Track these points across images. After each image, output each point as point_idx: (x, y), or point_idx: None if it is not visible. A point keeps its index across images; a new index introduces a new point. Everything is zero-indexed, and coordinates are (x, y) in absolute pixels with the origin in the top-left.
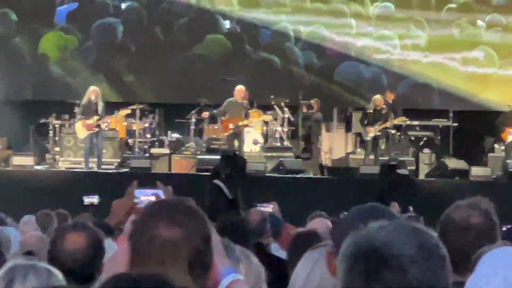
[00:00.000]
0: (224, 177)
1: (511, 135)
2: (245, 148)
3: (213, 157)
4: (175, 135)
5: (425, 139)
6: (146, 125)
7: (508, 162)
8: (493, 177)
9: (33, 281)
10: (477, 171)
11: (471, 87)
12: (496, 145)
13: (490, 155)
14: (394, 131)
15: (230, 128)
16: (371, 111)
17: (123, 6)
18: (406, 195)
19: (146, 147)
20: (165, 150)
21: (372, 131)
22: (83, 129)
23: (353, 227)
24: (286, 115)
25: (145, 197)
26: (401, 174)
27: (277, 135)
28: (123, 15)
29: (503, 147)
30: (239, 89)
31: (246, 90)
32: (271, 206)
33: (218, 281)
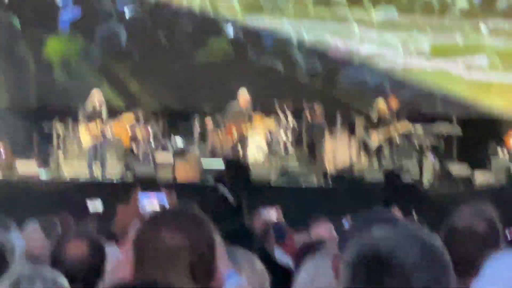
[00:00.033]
0: (227, 183)
1: None
2: (248, 154)
3: (217, 163)
4: (179, 141)
5: (429, 145)
6: (150, 131)
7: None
8: (497, 183)
9: None
10: (480, 178)
11: (474, 93)
12: (500, 152)
13: (494, 161)
14: (398, 138)
15: (234, 133)
16: (375, 117)
17: (127, 13)
18: (410, 202)
19: (150, 154)
20: (169, 156)
21: (375, 138)
22: (87, 134)
23: (359, 233)
24: (290, 122)
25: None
26: (404, 181)
27: (281, 142)
28: (126, 21)
29: (506, 153)
30: (242, 93)
31: (250, 96)
32: (275, 211)
33: (222, 286)
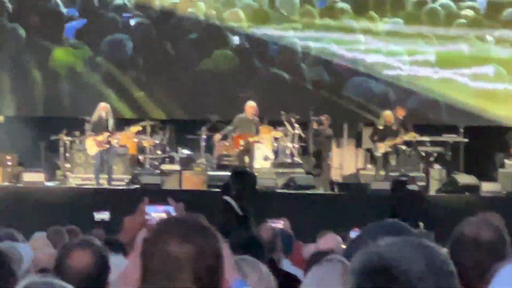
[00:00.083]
0: (234, 193)
1: None
2: (255, 164)
3: (223, 173)
4: (185, 151)
5: (435, 155)
6: (157, 141)
7: None
8: (504, 192)
9: None
10: (487, 187)
11: (481, 102)
12: (506, 161)
13: (501, 170)
14: (404, 147)
15: (241, 144)
16: (382, 127)
17: (132, 22)
18: (416, 211)
19: (156, 163)
20: (175, 167)
21: (382, 147)
22: (93, 145)
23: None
24: (297, 131)
25: (156, 213)
26: (411, 190)
27: (288, 151)
28: (132, 31)
29: None
30: (250, 105)
31: (256, 106)
32: (282, 222)
33: None
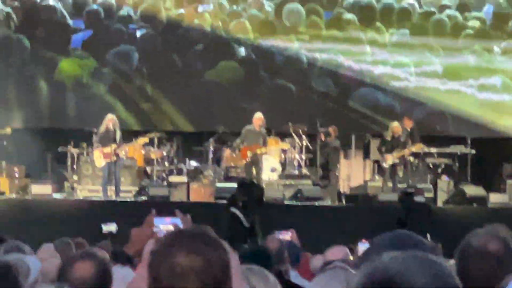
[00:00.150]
0: (241, 205)
1: None
2: (263, 175)
3: (231, 185)
4: (193, 163)
5: (443, 166)
6: (164, 153)
7: None
8: (511, 203)
9: None
10: (495, 198)
11: (488, 114)
12: None
13: (509, 182)
14: (412, 159)
15: (248, 156)
16: (389, 138)
17: (138, 34)
18: (423, 222)
19: (164, 175)
20: (183, 178)
21: (390, 159)
22: (101, 157)
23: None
24: (304, 143)
25: (164, 225)
26: (418, 202)
27: (295, 163)
28: (138, 42)
29: None
30: (258, 117)
31: (263, 117)
32: (289, 233)
33: None
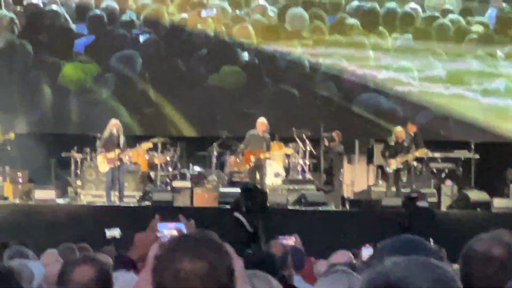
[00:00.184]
0: (244, 210)
1: None
2: (266, 180)
3: (235, 190)
4: (197, 168)
5: (446, 171)
6: (168, 158)
7: None
8: None
9: None
10: (499, 203)
11: (492, 118)
12: None
13: None
14: (415, 163)
15: (252, 161)
16: (393, 143)
17: (142, 39)
18: (426, 227)
19: (168, 180)
20: (187, 183)
21: (393, 164)
22: (104, 162)
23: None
24: (308, 148)
25: (168, 230)
26: (421, 207)
27: (299, 168)
28: (141, 47)
29: None
30: (261, 122)
31: (267, 122)
32: (293, 238)
33: None
